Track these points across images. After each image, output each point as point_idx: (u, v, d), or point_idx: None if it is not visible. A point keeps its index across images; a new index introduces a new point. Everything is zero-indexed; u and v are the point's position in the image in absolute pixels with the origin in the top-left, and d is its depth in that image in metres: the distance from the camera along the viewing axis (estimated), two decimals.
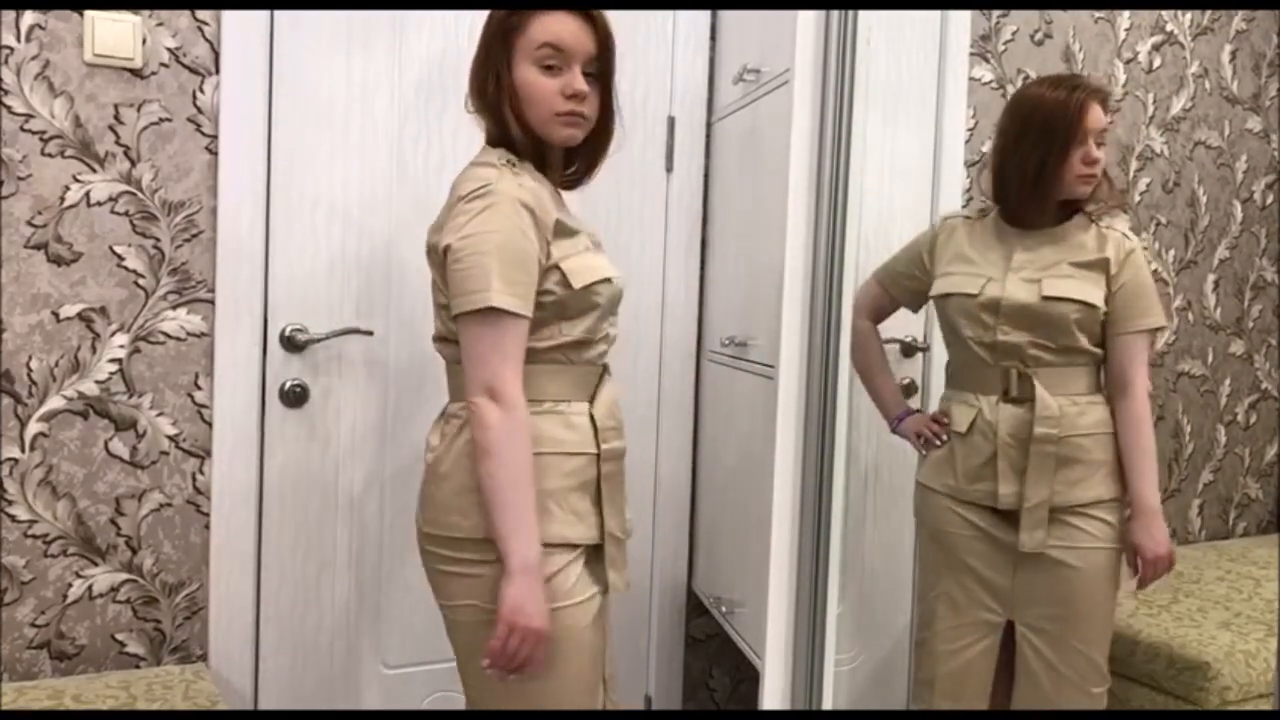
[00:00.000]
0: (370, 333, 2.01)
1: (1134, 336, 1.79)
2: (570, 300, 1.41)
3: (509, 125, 1.43)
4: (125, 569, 1.87)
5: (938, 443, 1.89)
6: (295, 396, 1.97)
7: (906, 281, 1.98)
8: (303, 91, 1.94)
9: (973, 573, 1.84)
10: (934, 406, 2.39)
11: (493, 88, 1.43)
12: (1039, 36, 2.38)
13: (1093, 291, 1.77)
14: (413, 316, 2.05)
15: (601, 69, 1.45)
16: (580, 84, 1.41)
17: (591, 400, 1.46)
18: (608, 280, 1.45)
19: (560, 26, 1.40)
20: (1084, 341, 1.78)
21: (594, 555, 1.47)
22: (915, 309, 2.06)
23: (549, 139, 1.44)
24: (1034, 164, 1.76)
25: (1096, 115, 1.76)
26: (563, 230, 1.42)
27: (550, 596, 1.36)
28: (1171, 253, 2.45)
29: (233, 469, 1.92)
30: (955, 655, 1.85)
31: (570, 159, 1.52)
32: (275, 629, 2.00)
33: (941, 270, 1.89)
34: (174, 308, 1.87)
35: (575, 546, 1.42)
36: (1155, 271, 2.44)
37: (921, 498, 1.94)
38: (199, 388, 1.90)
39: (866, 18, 1.77)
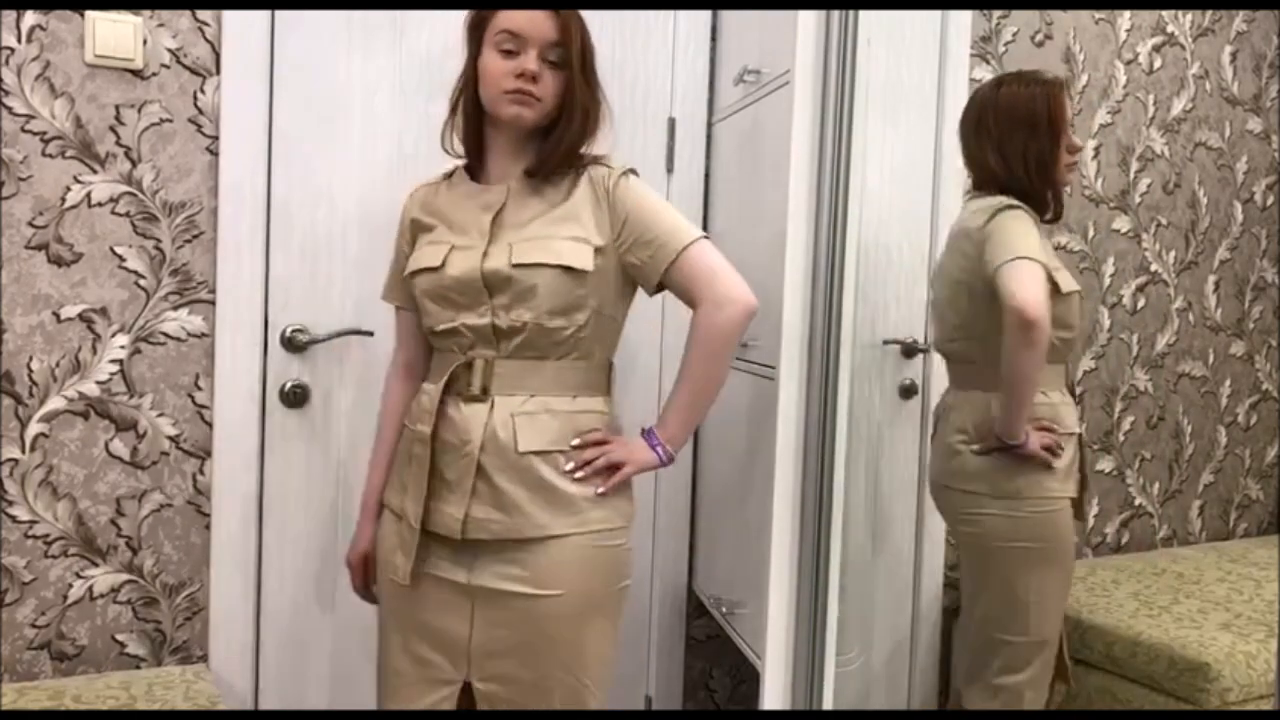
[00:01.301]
0: (370, 333, 2.01)
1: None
2: (413, 292, 1.58)
3: (468, 110, 1.55)
4: (126, 570, 1.87)
5: (1059, 452, 1.86)
6: (296, 397, 1.97)
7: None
8: (303, 91, 1.94)
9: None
10: (934, 407, 2.39)
11: (466, 84, 1.56)
12: (1039, 38, 2.38)
13: None
14: None
15: (564, 57, 1.50)
16: (530, 64, 1.47)
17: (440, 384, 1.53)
18: (426, 270, 1.52)
19: (520, 14, 1.48)
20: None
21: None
22: None
23: (497, 116, 1.52)
24: (1036, 159, 1.82)
25: (1068, 103, 1.87)
26: (420, 226, 1.60)
27: (380, 560, 1.60)
28: (1172, 254, 2.45)
29: (233, 470, 1.92)
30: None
31: (538, 147, 1.55)
32: (275, 629, 2.00)
33: (1055, 263, 1.86)
34: (175, 308, 1.87)
35: (393, 513, 1.58)
36: (1155, 273, 2.45)
37: (1052, 513, 1.87)
38: (199, 388, 1.90)
39: (867, 18, 1.77)
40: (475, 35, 1.54)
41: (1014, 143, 1.84)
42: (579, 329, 1.50)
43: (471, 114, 1.56)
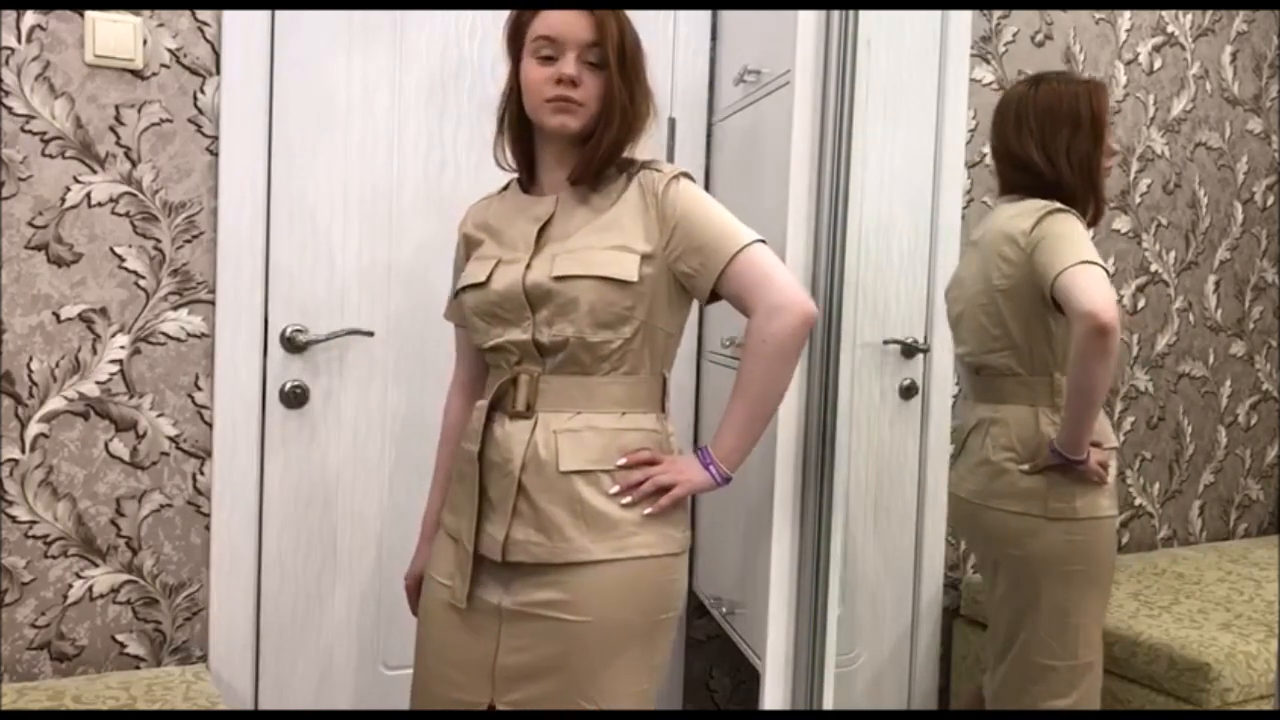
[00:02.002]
0: (370, 333, 2.01)
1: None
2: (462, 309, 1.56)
3: (512, 122, 1.53)
4: (125, 570, 1.87)
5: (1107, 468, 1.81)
6: (296, 397, 1.97)
7: None
8: (303, 92, 1.94)
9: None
10: (934, 407, 2.39)
11: (511, 96, 1.52)
12: (1039, 38, 2.38)
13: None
14: (413, 317, 2.05)
15: (604, 58, 1.44)
16: (568, 69, 1.42)
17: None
18: (473, 287, 1.50)
19: (555, 17, 1.44)
20: None
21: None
22: None
23: (543, 126, 1.47)
24: (1080, 159, 1.78)
25: (1109, 105, 1.83)
26: (472, 242, 1.58)
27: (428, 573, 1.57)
28: (1172, 254, 2.45)
29: (233, 470, 1.92)
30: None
31: (582, 152, 1.48)
32: (275, 629, 2.00)
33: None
34: (174, 308, 1.87)
35: (448, 535, 1.54)
36: (1155, 273, 2.45)
37: (1104, 533, 1.82)
38: (199, 388, 1.89)
39: (867, 18, 1.77)
40: (514, 45, 1.50)
41: (1057, 141, 1.78)
42: (626, 342, 1.43)
43: (519, 126, 1.52)
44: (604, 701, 1.40)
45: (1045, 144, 1.80)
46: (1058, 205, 1.74)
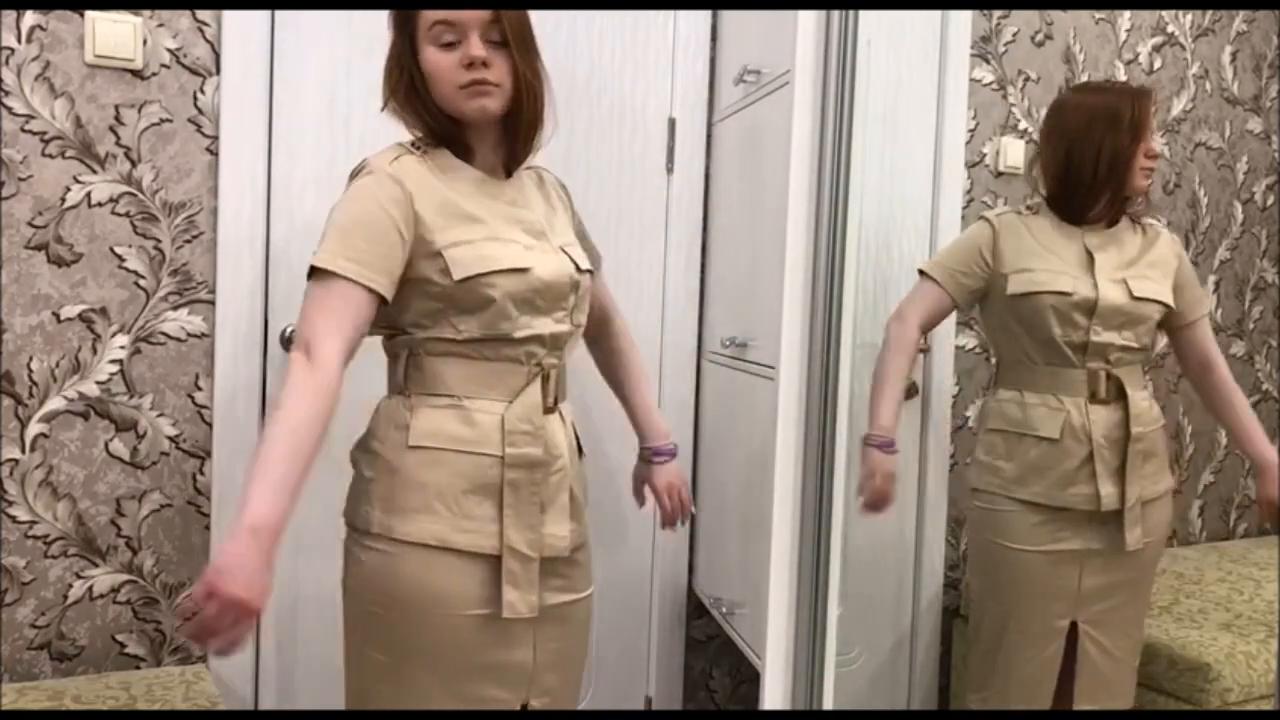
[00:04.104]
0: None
1: (1203, 319, 1.95)
2: (458, 293, 1.36)
3: (422, 113, 1.41)
4: (125, 570, 1.87)
5: (877, 510, 1.89)
6: None
7: (965, 280, 1.90)
8: (303, 92, 1.94)
9: (1047, 580, 1.83)
10: (935, 407, 2.39)
11: (403, 80, 1.41)
12: (1039, 38, 2.38)
13: (1168, 291, 1.87)
14: None
15: (505, 36, 1.37)
16: (476, 50, 1.35)
17: (512, 401, 1.40)
18: (510, 271, 1.36)
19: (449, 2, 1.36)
20: (1149, 340, 1.87)
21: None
22: (967, 309, 2.04)
23: (461, 114, 1.39)
24: (1106, 159, 1.81)
25: (1153, 112, 1.86)
26: (454, 211, 1.37)
27: (419, 597, 1.36)
28: None
29: (233, 470, 1.92)
30: (1029, 662, 1.85)
31: (508, 138, 1.44)
32: (275, 629, 2.00)
33: (1015, 267, 1.85)
34: (174, 308, 1.87)
35: (462, 553, 1.36)
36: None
37: (995, 511, 1.87)
38: (199, 388, 1.90)
39: (867, 19, 1.77)
40: (405, 31, 1.40)
41: (1085, 142, 1.82)
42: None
43: (435, 116, 1.41)
44: (585, 669, 1.54)
45: (1077, 143, 1.84)
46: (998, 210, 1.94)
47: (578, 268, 1.46)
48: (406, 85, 1.40)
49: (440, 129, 1.42)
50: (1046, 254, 1.85)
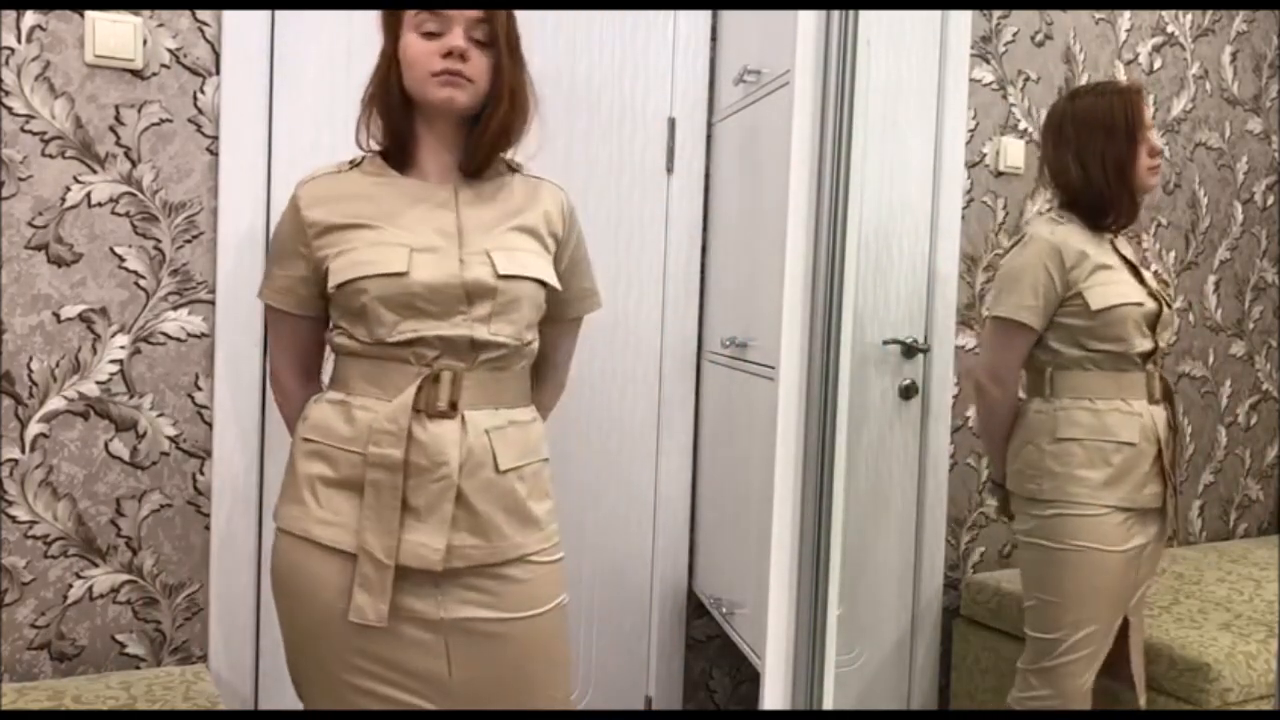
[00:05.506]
0: None
1: None
2: (338, 298, 1.40)
3: (388, 103, 1.42)
4: (125, 570, 1.87)
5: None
6: None
7: (1047, 309, 1.84)
8: (303, 91, 1.95)
9: (1128, 577, 1.85)
10: (935, 407, 2.40)
11: (379, 70, 1.43)
12: (1039, 38, 2.38)
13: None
14: None
15: (492, 35, 1.38)
16: (457, 41, 1.35)
17: (391, 401, 1.38)
18: (381, 276, 1.35)
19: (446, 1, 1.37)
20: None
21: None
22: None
23: (426, 101, 1.39)
24: (1112, 168, 1.83)
25: (1146, 109, 1.87)
26: (349, 222, 1.41)
27: (294, 584, 1.42)
28: (1172, 254, 2.45)
29: (233, 470, 1.92)
30: (1097, 659, 1.87)
31: (471, 138, 1.44)
32: (275, 629, 1.99)
33: (1090, 283, 1.82)
34: (174, 308, 1.87)
35: (326, 548, 1.38)
36: (1155, 273, 2.45)
37: (1084, 517, 1.84)
38: (199, 388, 1.90)
39: (867, 18, 1.77)
40: (391, 21, 1.41)
41: (1092, 148, 1.84)
42: (534, 341, 1.48)
43: (398, 105, 1.42)
44: (557, 688, 1.46)
45: (1080, 153, 1.86)
46: (1029, 231, 1.89)
47: (496, 273, 1.39)
48: (382, 74, 1.43)
49: (395, 125, 1.43)
50: (1103, 266, 1.84)
